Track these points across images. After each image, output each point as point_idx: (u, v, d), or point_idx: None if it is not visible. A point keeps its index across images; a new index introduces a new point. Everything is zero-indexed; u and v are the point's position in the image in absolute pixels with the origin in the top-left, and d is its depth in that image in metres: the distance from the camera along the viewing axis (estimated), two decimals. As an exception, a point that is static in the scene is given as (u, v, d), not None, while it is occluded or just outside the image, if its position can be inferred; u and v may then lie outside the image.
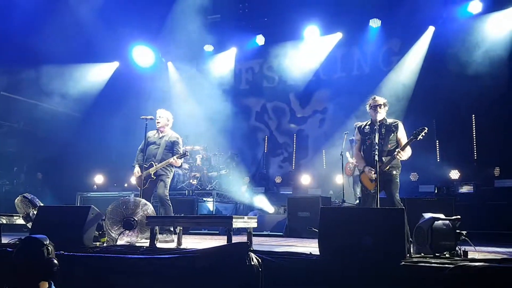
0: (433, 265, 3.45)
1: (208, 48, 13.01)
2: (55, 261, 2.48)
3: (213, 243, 5.66)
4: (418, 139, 4.95)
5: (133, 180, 9.36)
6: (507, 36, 9.61)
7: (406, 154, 5.02)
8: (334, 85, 11.95)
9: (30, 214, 5.31)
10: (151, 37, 12.34)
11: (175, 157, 6.14)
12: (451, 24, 10.10)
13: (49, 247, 2.49)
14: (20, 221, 5.51)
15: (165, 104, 10.73)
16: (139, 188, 6.17)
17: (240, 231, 6.62)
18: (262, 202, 9.91)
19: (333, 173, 10.22)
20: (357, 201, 7.39)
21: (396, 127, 5.21)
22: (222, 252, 2.98)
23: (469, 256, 3.94)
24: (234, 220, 4.18)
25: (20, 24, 9.85)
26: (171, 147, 6.33)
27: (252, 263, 2.82)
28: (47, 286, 2.49)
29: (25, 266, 2.34)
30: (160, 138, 6.37)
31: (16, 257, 2.40)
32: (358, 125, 5.65)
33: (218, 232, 8.06)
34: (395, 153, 5.01)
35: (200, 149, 10.90)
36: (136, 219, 4.96)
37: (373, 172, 4.99)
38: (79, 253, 3.75)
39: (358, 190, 9.03)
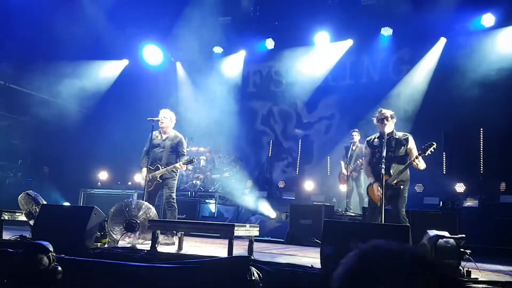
0: (436, 285, 3.40)
1: (218, 50, 13.01)
2: (59, 269, 2.47)
3: (213, 248, 5.67)
4: (426, 154, 4.90)
5: (137, 178, 9.39)
6: (518, 51, 9.52)
7: (422, 164, 4.97)
8: (342, 92, 11.88)
9: (33, 212, 5.31)
10: (161, 36, 12.35)
11: (181, 162, 6.14)
12: (463, 37, 10.01)
13: (53, 254, 2.48)
14: (22, 217, 5.51)
15: (171, 104, 10.77)
16: (144, 189, 6.19)
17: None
18: (264, 206, 9.88)
19: (337, 180, 10.17)
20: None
21: (407, 140, 5.16)
22: (223, 266, 2.95)
23: (472, 276, 3.90)
24: (235, 228, 4.15)
25: (32, 19, 9.89)
26: (176, 149, 6.34)
27: (253, 278, 2.80)
28: None
29: (30, 273, 2.33)
30: (163, 140, 6.37)
31: (21, 263, 2.39)
32: (367, 139, 5.62)
33: (219, 235, 8.03)
34: (411, 160, 4.96)
35: (205, 150, 10.91)
36: (138, 221, 4.95)
37: (380, 190, 4.94)
38: (80, 257, 3.74)
39: (361, 200, 9.03)
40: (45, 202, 5.50)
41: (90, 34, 10.63)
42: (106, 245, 4.80)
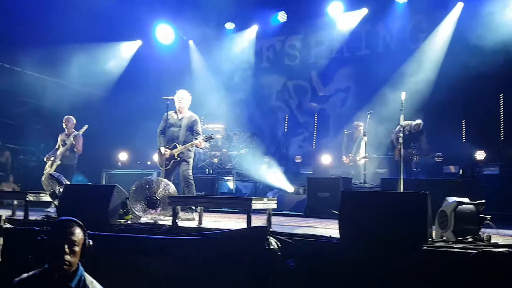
0: (455, 250, 3.40)
1: (229, 26, 12.88)
2: (90, 242, 2.57)
3: (232, 223, 5.75)
4: None
5: (155, 158, 9.51)
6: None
7: None
8: (358, 62, 11.70)
9: (57, 192, 5.47)
10: (172, 15, 12.29)
11: (200, 139, 6.21)
12: (481, 0, 9.67)
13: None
14: (46, 198, 5.69)
15: (186, 82, 10.78)
16: (161, 167, 6.30)
17: (259, 210, 6.67)
18: (281, 181, 9.92)
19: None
20: None
21: None
22: (242, 236, 3.01)
23: (492, 241, 3.88)
24: (253, 202, 4.20)
25: (43, 3, 9.92)
26: (192, 128, 6.43)
27: (271, 247, 2.85)
28: None
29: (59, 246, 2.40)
30: (180, 119, 6.45)
31: (49, 237, 2.47)
32: None
33: (238, 210, 8.12)
34: None
35: (221, 128, 10.94)
36: (159, 198, 5.06)
37: None
38: (104, 231, 3.86)
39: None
40: (68, 182, 5.65)
41: (102, 15, 10.64)
42: (129, 222, 4.93)
